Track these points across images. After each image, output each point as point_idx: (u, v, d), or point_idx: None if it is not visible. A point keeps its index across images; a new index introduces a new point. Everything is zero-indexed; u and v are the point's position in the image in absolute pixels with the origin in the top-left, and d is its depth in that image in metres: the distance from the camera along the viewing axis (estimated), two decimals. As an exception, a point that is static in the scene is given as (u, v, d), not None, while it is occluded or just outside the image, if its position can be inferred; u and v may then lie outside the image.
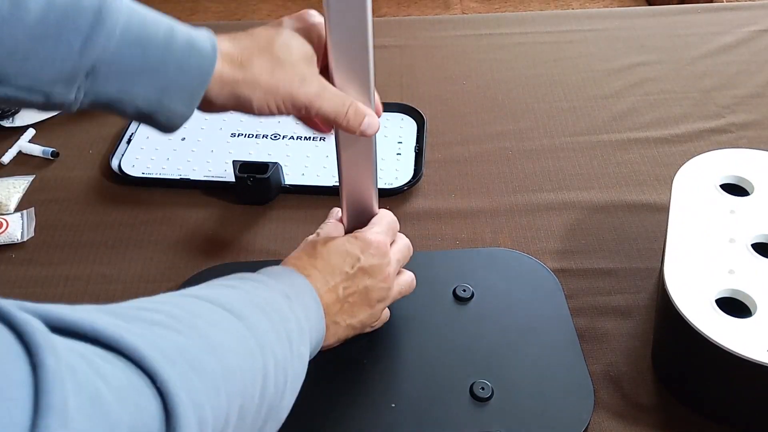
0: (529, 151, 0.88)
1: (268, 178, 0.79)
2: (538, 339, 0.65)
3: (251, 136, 0.90)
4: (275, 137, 0.89)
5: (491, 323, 0.66)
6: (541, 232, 0.78)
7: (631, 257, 0.74)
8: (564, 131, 0.91)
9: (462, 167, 0.86)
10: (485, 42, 1.07)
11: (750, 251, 0.61)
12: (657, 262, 0.72)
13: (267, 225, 0.79)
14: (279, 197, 0.82)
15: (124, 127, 0.91)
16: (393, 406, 0.60)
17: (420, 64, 1.03)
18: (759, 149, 0.72)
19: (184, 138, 0.89)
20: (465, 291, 0.68)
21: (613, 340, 0.67)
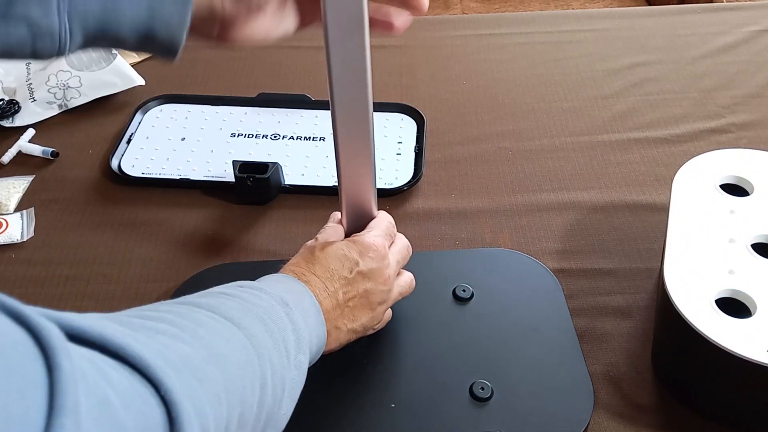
0: (529, 151, 0.88)
1: (268, 178, 0.79)
2: (538, 339, 0.65)
3: (251, 136, 0.90)
4: (275, 137, 0.89)
5: (491, 323, 0.66)
6: (541, 232, 0.78)
7: (631, 257, 0.74)
8: (564, 131, 0.91)
9: (462, 167, 0.86)
10: (485, 42, 1.07)
11: (750, 251, 0.61)
12: (657, 262, 0.72)
13: (267, 225, 0.79)
14: (279, 197, 0.82)
15: (124, 127, 0.91)
16: (392, 406, 0.60)
17: (420, 64, 1.03)
18: (759, 149, 0.72)
19: (184, 138, 0.89)
20: (465, 291, 0.68)
21: (613, 340, 0.67)
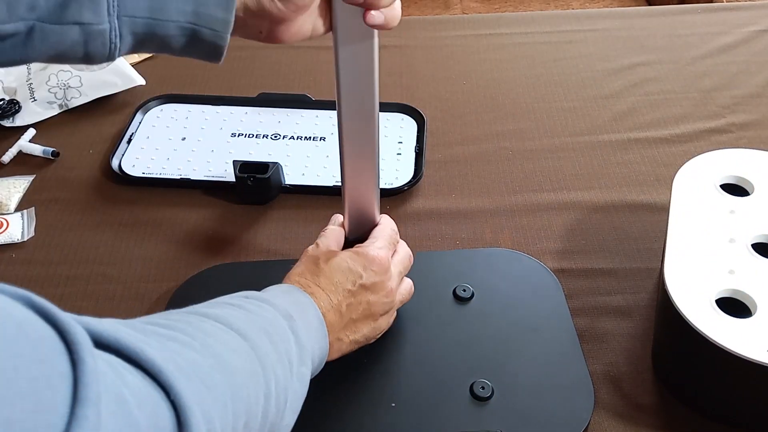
0: (529, 151, 0.88)
1: (268, 178, 0.79)
2: (538, 339, 0.65)
3: (251, 136, 0.90)
4: (275, 137, 0.89)
5: (491, 323, 0.66)
6: (541, 232, 0.78)
7: (631, 257, 0.74)
8: (564, 131, 0.91)
9: (462, 167, 0.86)
10: (485, 42, 1.08)
11: (750, 251, 0.61)
12: (657, 262, 0.72)
13: (267, 225, 0.79)
14: (279, 197, 0.82)
15: (124, 127, 0.91)
16: (393, 405, 0.60)
17: (420, 64, 1.03)
18: (759, 149, 0.72)
19: (184, 138, 0.89)
20: (465, 291, 0.68)
21: (613, 340, 0.67)
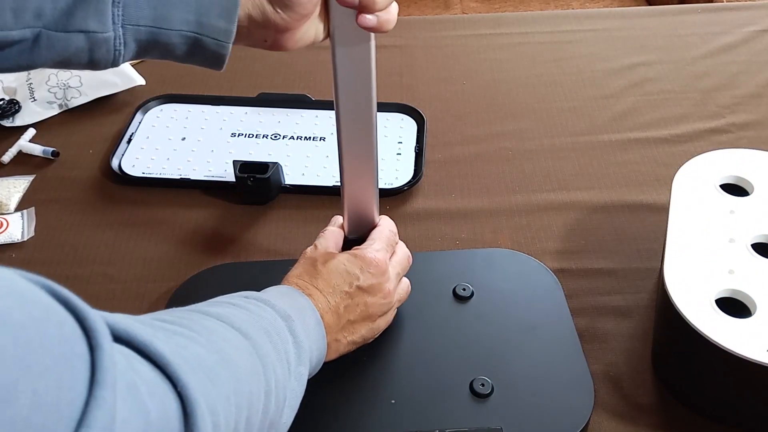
0: (529, 151, 0.88)
1: (268, 178, 0.79)
2: (538, 337, 0.65)
3: (251, 136, 0.90)
4: (275, 137, 0.89)
5: (491, 322, 0.66)
6: (541, 232, 0.78)
7: (631, 257, 0.74)
8: (564, 131, 0.91)
9: (462, 167, 0.86)
10: (485, 42, 1.08)
11: (750, 251, 0.61)
12: (657, 262, 0.72)
13: (267, 225, 0.79)
14: (279, 197, 0.82)
15: (124, 127, 0.91)
16: (393, 402, 0.60)
17: (420, 64, 1.03)
18: (759, 149, 0.72)
19: (184, 138, 0.89)
20: (465, 290, 0.68)
21: (613, 340, 0.67)
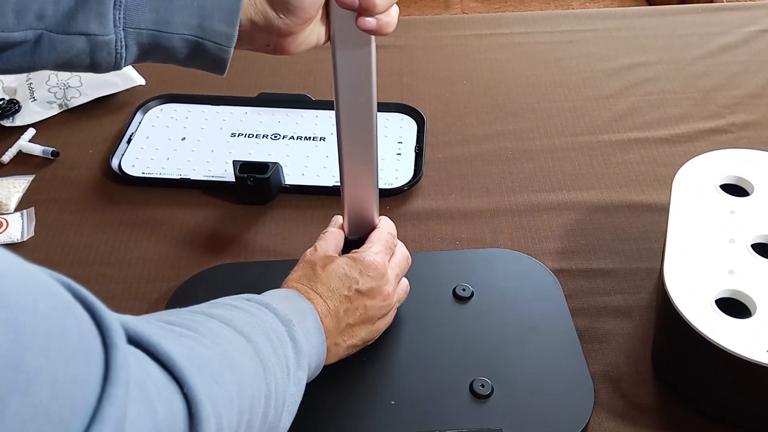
0: (529, 151, 0.88)
1: (268, 178, 0.79)
2: (538, 338, 0.65)
3: (251, 136, 0.90)
4: (275, 137, 0.89)
5: (491, 322, 0.66)
6: (541, 232, 0.78)
7: (631, 257, 0.74)
8: (564, 131, 0.91)
9: (462, 167, 0.86)
10: (485, 42, 1.07)
11: (750, 251, 0.61)
12: (657, 262, 0.72)
13: (267, 225, 0.79)
14: (279, 197, 0.82)
15: (124, 127, 0.91)
16: (393, 403, 0.60)
17: (420, 64, 1.03)
18: (759, 149, 0.72)
19: (184, 138, 0.89)
20: (465, 290, 0.68)
21: (613, 340, 0.67)
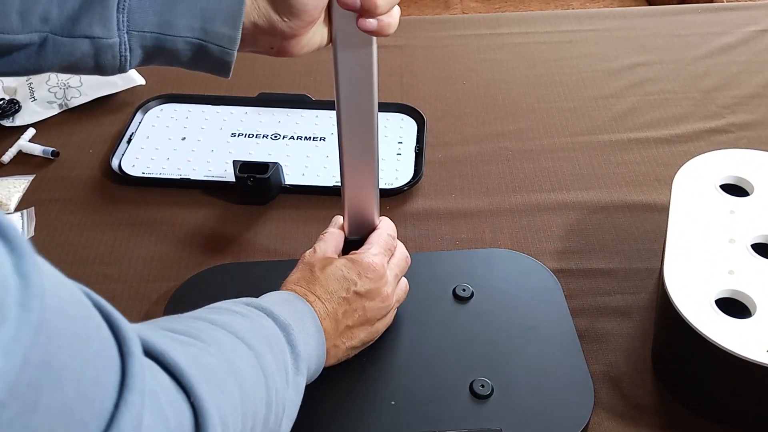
0: (529, 151, 0.88)
1: (268, 178, 0.79)
2: (538, 338, 0.65)
3: (251, 136, 0.90)
4: (275, 137, 0.89)
5: (491, 322, 0.66)
6: (541, 232, 0.78)
7: (631, 257, 0.74)
8: (564, 131, 0.91)
9: (462, 167, 0.86)
10: (485, 42, 1.07)
11: (750, 252, 0.61)
12: (657, 262, 0.72)
13: (267, 225, 0.79)
14: (279, 197, 0.82)
15: (124, 127, 0.91)
16: (393, 403, 0.60)
17: (420, 64, 1.03)
18: (759, 149, 0.72)
19: (184, 138, 0.89)
20: (465, 290, 0.68)
21: (613, 340, 0.67)
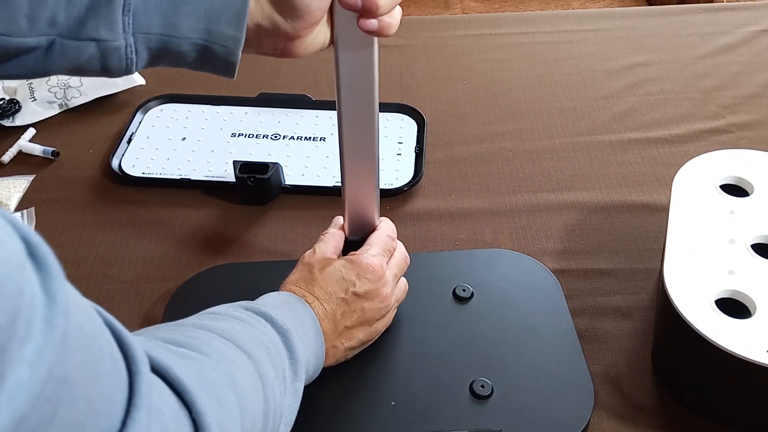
0: (529, 151, 0.88)
1: (268, 178, 0.79)
2: (538, 338, 0.65)
3: (251, 136, 0.90)
4: (275, 137, 0.89)
5: (491, 322, 0.66)
6: (541, 232, 0.78)
7: (631, 258, 0.75)
8: (564, 131, 0.91)
9: (462, 167, 0.86)
10: (485, 42, 1.07)
11: (750, 252, 0.61)
12: (657, 262, 0.72)
13: (267, 225, 0.79)
14: (279, 197, 0.82)
15: (124, 127, 0.91)
16: (393, 403, 0.60)
17: (420, 64, 1.03)
18: (759, 149, 0.72)
19: (184, 138, 0.89)
20: (465, 291, 0.68)
21: (613, 340, 0.67)
